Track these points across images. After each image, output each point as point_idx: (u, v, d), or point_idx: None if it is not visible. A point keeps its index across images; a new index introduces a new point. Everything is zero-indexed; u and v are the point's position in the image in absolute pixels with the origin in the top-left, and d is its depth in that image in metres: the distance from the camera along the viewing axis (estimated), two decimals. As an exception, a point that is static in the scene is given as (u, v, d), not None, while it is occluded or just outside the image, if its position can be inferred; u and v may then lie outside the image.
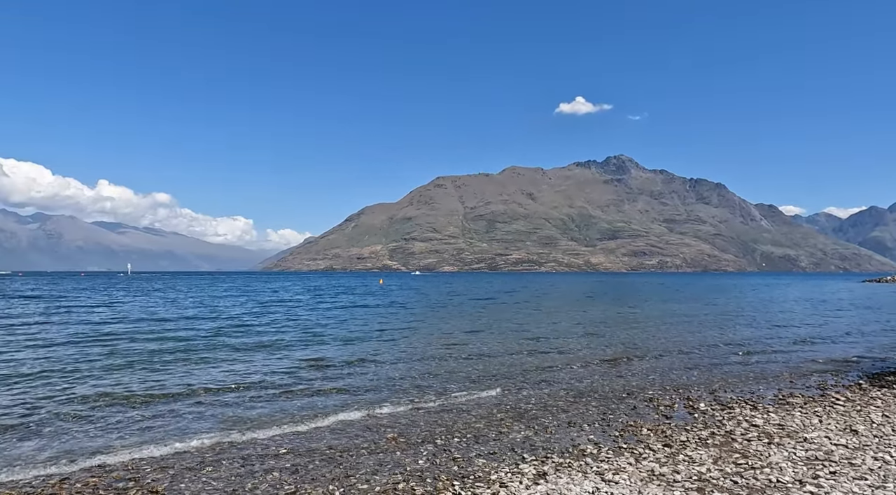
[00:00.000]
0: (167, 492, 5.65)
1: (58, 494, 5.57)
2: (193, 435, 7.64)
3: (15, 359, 13.41)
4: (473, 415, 8.70)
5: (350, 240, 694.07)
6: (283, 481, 5.97)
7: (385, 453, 6.91)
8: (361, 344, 16.82)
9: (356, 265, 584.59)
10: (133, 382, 10.93)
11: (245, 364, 13.13)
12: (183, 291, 55.77)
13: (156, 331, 19.99)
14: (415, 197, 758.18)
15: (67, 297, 42.40)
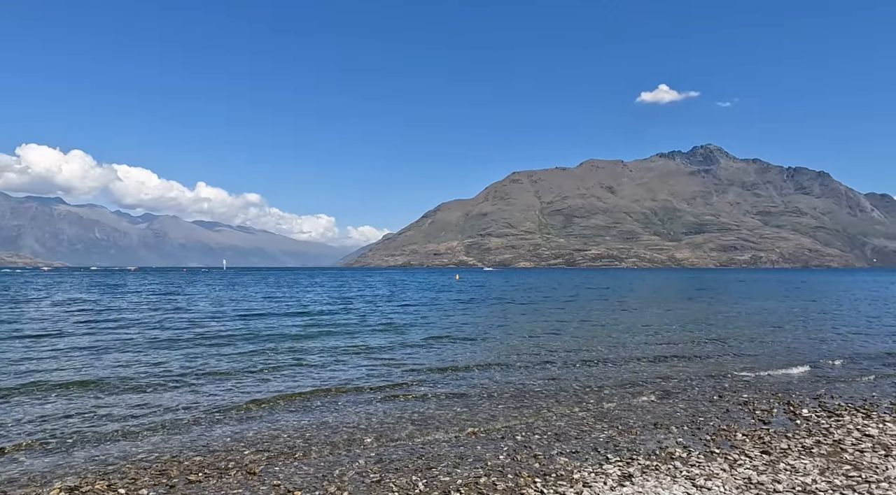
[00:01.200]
0: (263, 474, 6.00)
1: (168, 470, 6.07)
2: (285, 422, 8.07)
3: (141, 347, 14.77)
4: (553, 413, 8.57)
5: (427, 236, 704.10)
6: (368, 469, 6.18)
7: (465, 447, 6.96)
8: (442, 340, 17.03)
9: (433, 261, 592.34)
10: (229, 372, 11.70)
11: (333, 356, 13.68)
12: (284, 286, 58.93)
13: (253, 323, 21.24)
14: (490, 192, 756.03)
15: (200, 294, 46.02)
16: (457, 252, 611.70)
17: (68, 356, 13.28)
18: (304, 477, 5.95)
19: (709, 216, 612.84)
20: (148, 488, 5.57)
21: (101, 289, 51.72)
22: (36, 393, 9.52)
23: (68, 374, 11.08)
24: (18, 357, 13.11)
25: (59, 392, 9.60)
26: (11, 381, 10.34)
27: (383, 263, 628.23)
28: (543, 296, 41.14)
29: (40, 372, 11.37)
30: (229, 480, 5.82)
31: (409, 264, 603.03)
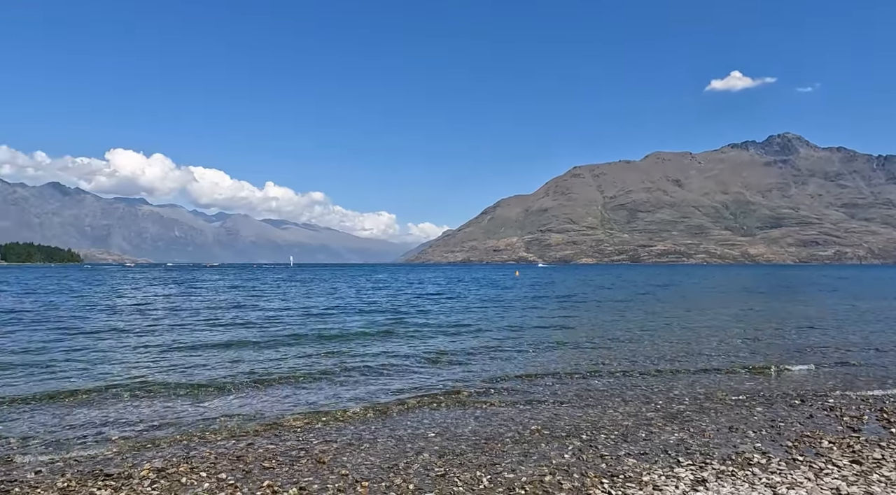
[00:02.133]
0: (331, 463, 6.19)
1: (244, 456, 6.38)
2: (353, 413, 8.29)
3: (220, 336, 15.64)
4: (620, 413, 8.34)
5: (486, 232, 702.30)
6: (432, 463, 6.24)
7: (529, 444, 6.89)
8: (503, 337, 16.96)
9: (492, 257, 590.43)
10: (300, 365, 12.16)
11: (396, 352, 13.93)
12: (349, 282, 60.68)
13: (322, 321, 21.97)
14: (550, 188, 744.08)
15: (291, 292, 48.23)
16: (516, 248, 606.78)
17: (151, 351, 14.24)
18: (371, 467, 6.09)
19: (786, 209, 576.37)
20: (227, 472, 5.87)
21: (188, 284, 55.02)
22: (131, 386, 10.25)
23: (154, 365, 11.89)
24: (107, 352, 14.18)
25: (147, 384, 10.30)
26: (109, 371, 11.21)
27: (443, 260, 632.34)
28: (609, 293, 40.12)
29: (126, 364, 12.26)
30: (300, 468, 6.04)
31: (468, 260, 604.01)
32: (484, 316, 23.10)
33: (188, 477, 5.75)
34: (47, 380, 10.21)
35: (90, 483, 5.57)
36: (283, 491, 5.40)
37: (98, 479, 5.67)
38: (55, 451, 6.56)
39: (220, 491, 5.37)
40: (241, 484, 5.57)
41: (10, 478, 5.71)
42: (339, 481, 5.68)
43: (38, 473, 5.85)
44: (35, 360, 12.12)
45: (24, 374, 10.68)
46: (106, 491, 5.37)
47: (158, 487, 5.46)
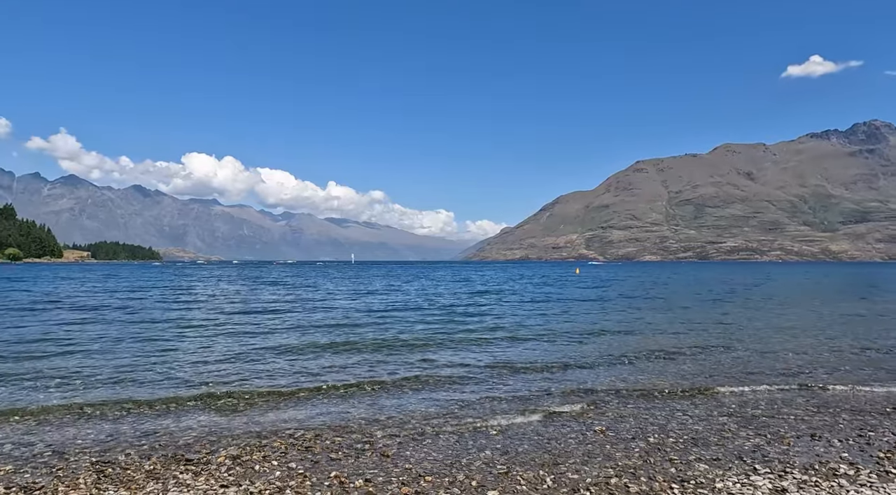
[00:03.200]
0: (395, 457, 6.31)
1: (312, 447, 6.60)
2: (413, 409, 8.41)
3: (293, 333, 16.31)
4: (690, 416, 8.02)
5: (545, 229, 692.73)
6: (495, 460, 6.23)
7: (593, 445, 6.75)
8: (566, 335, 16.72)
9: (551, 254, 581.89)
10: (359, 363, 12.47)
11: (460, 348, 14.02)
12: (411, 279, 61.68)
13: (387, 318, 22.43)
14: (612, 183, 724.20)
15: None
16: (576, 245, 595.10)
17: (228, 343, 15.00)
18: (434, 463, 6.15)
19: (874, 202, 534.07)
20: (296, 462, 6.10)
21: (263, 281, 57.55)
22: (205, 378, 10.84)
23: (225, 358, 12.53)
24: (182, 347, 15.06)
25: (222, 375, 10.87)
26: (185, 363, 11.93)
27: (501, 257, 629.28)
28: (676, 292, 38.64)
29: (201, 358, 12.97)
30: (365, 460, 6.19)
31: (526, 258, 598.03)
32: (546, 314, 22.83)
33: (261, 464, 6.01)
34: (131, 370, 10.97)
35: (173, 466, 5.94)
36: (349, 482, 5.55)
37: (180, 463, 6.04)
38: (141, 436, 7.03)
39: (290, 480, 5.58)
40: (310, 473, 5.77)
41: (104, 460, 6.17)
42: (404, 475, 5.77)
43: (128, 456, 6.30)
44: (118, 349, 13.09)
45: (107, 361, 11.54)
46: (187, 474, 5.70)
47: (234, 473, 5.74)
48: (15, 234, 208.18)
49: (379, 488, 5.42)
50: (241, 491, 5.28)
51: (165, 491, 5.27)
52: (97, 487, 5.35)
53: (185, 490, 5.29)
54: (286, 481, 5.55)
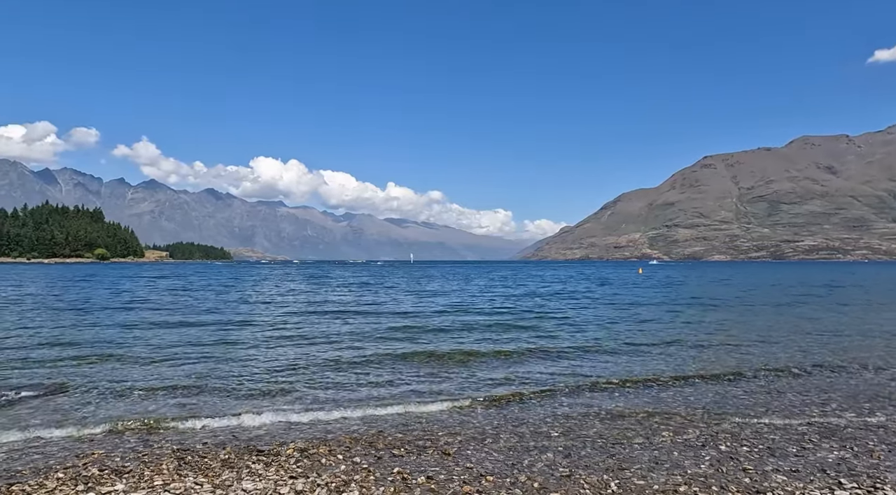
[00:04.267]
0: (456, 455, 6.34)
1: (375, 443, 6.75)
2: (473, 410, 8.43)
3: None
4: (765, 423, 7.60)
5: (606, 228, 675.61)
6: (557, 463, 6.15)
7: (660, 451, 6.53)
8: (631, 338, 16.26)
9: (612, 254, 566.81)
10: (421, 360, 12.61)
11: (521, 351, 13.93)
12: (473, 279, 61.95)
13: (455, 317, 22.62)
14: (677, 180, 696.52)
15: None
16: (639, 244, 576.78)
17: (294, 337, 15.59)
18: (495, 463, 6.14)
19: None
20: (360, 457, 6.26)
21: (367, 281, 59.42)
22: (274, 372, 11.32)
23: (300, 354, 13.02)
24: (250, 341, 15.76)
25: (290, 368, 11.31)
26: (256, 358, 12.50)
27: (560, 256, 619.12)
28: (753, 294, 36.69)
29: (273, 353, 13.53)
30: (427, 458, 6.26)
31: (587, 257, 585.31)
32: (611, 314, 22.27)
33: (327, 458, 6.21)
34: (207, 365, 11.60)
35: (246, 456, 6.24)
36: (412, 478, 5.63)
37: (252, 454, 6.33)
38: (217, 427, 7.43)
39: (355, 474, 5.73)
40: (374, 468, 5.90)
41: (183, 447, 6.57)
42: (465, 474, 5.79)
43: (205, 445, 6.67)
44: (197, 342, 13.89)
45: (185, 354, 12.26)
46: (259, 464, 5.97)
47: (302, 465, 5.96)
48: (103, 236, 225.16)
49: (441, 485, 5.47)
50: (308, 482, 5.47)
51: (239, 479, 5.54)
52: (178, 473, 5.70)
53: (258, 479, 5.54)
54: (351, 475, 5.70)
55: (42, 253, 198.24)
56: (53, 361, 11.75)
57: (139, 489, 5.27)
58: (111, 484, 5.37)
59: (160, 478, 5.53)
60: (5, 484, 5.41)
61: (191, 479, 5.52)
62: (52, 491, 5.21)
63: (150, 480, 5.49)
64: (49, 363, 11.55)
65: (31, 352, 12.85)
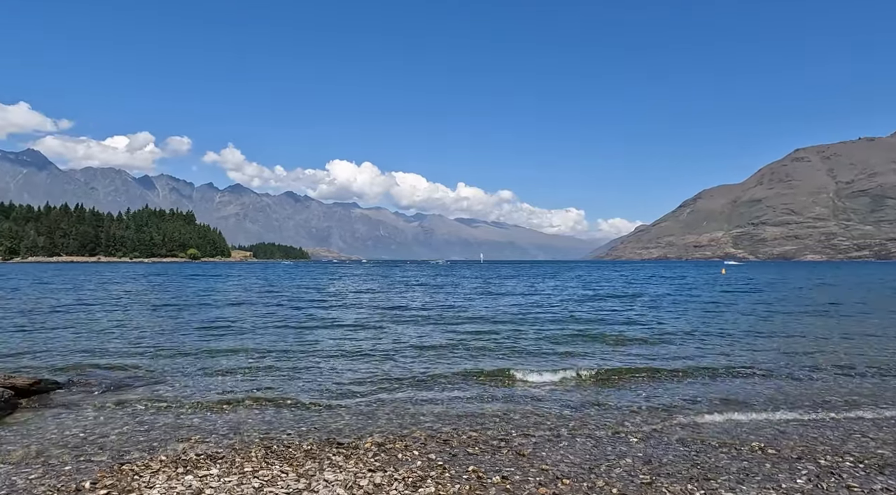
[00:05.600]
0: (531, 456, 6.29)
1: (450, 441, 6.82)
2: (547, 410, 8.32)
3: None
4: (872, 438, 6.97)
5: (685, 226, 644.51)
6: (636, 469, 5.94)
7: (749, 462, 6.16)
8: (716, 341, 15.45)
9: (692, 253, 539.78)
10: (494, 358, 12.60)
11: (602, 350, 13.61)
12: (547, 279, 61.35)
13: (537, 316, 22.52)
14: (765, 175, 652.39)
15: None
16: (722, 243, 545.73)
17: (377, 334, 16.04)
18: (571, 466, 6.03)
19: None
20: (435, 453, 6.35)
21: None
22: (353, 365, 11.70)
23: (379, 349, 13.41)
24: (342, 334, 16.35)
25: (380, 367, 11.66)
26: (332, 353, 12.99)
27: (636, 256, 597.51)
28: (865, 297, 33.78)
29: (354, 349, 13.99)
30: (501, 457, 6.25)
31: (664, 257, 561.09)
32: (691, 315, 21.23)
33: (403, 453, 6.35)
34: (291, 361, 12.18)
35: (327, 448, 6.49)
36: (487, 477, 5.64)
37: (333, 446, 6.58)
38: (299, 420, 7.78)
39: (430, 470, 5.82)
40: (449, 465, 5.96)
41: (269, 437, 6.94)
42: (540, 475, 5.73)
43: (289, 436, 7.01)
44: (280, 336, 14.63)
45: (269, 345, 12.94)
46: (339, 456, 6.20)
47: (380, 459, 6.12)
48: (195, 237, 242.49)
49: (516, 486, 5.44)
50: (386, 476, 5.62)
51: (321, 469, 5.77)
52: (265, 461, 6.03)
53: (338, 471, 5.75)
54: (427, 471, 5.79)
55: (142, 253, 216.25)
56: (155, 352, 12.76)
57: (231, 474, 5.62)
58: (207, 469, 5.77)
59: (249, 465, 5.87)
60: (117, 463, 5.95)
61: (277, 467, 5.82)
62: (157, 471, 5.67)
63: (241, 466, 5.84)
64: (150, 354, 12.56)
65: (137, 344, 14.02)
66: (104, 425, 7.36)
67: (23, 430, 7.13)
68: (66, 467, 5.87)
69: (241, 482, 5.40)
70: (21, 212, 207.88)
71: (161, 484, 5.34)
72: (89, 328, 17.22)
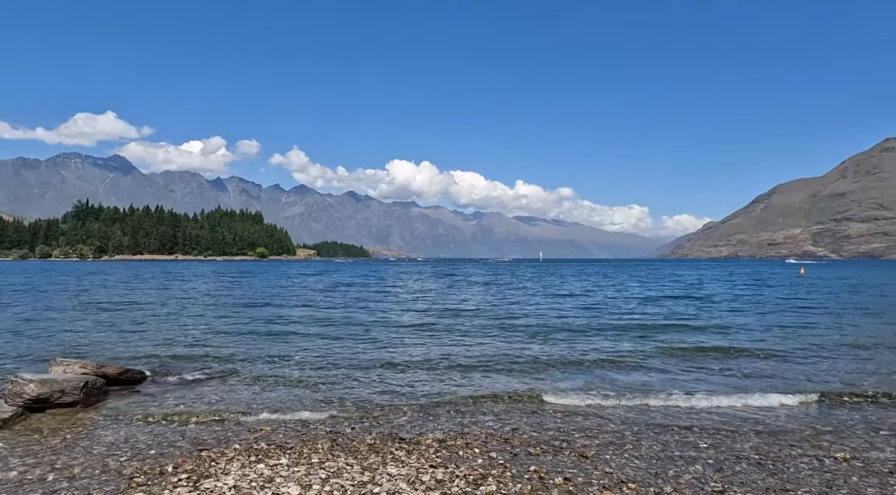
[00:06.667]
0: (594, 459, 6.16)
1: (511, 440, 6.80)
2: (612, 413, 8.12)
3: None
4: (977, 455, 6.35)
5: (758, 223, 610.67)
6: (707, 476, 5.70)
7: (833, 474, 5.76)
8: (803, 346, 14.58)
9: (766, 251, 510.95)
10: (553, 360, 12.42)
11: (675, 354, 13.18)
12: (610, 277, 60.08)
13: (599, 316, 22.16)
14: (849, 167, 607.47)
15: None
16: (799, 241, 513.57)
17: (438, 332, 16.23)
18: (636, 470, 5.86)
19: None
20: (496, 452, 6.34)
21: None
22: (412, 364, 11.88)
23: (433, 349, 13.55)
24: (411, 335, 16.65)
25: (430, 368, 11.80)
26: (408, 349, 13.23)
27: (703, 254, 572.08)
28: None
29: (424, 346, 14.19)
30: (563, 459, 6.16)
31: (735, 255, 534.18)
32: (766, 315, 20.12)
33: (464, 450, 6.38)
34: (351, 357, 12.51)
35: (389, 443, 6.63)
36: (549, 478, 5.58)
37: (395, 441, 6.71)
38: (361, 415, 7.98)
39: (492, 468, 5.82)
40: (510, 464, 5.94)
41: (334, 430, 7.17)
42: (604, 478, 5.61)
43: (353, 430, 7.21)
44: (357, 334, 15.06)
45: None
46: (401, 451, 6.31)
47: (441, 456, 6.19)
48: (263, 236, 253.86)
49: (579, 488, 5.35)
50: (447, 472, 5.67)
51: (384, 463, 5.90)
52: (331, 453, 6.23)
53: (401, 465, 5.86)
54: (488, 469, 5.80)
55: (215, 251, 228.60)
56: (228, 347, 13.47)
57: (299, 464, 5.84)
58: (276, 458, 6.03)
59: (316, 457, 6.09)
60: (196, 450, 6.32)
61: (342, 460, 6.00)
62: (231, 459, 5.98)
63: (308, 457, 6.06)
64: (224, 349, 13.26)
65: (212, 339, 14.85)
66: (183, 413, 7.83)
67: (113, 416, 7.71)
68: (151, 451, 6.30)
69: (309, 472, 5.61)
70: (109, 214, 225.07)
71: (235, 470, 5.63)
72: (170, 323, 18.39)
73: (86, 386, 8.06)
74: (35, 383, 7.65)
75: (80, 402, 7.92)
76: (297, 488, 5.20)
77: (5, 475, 5.56)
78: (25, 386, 7.60)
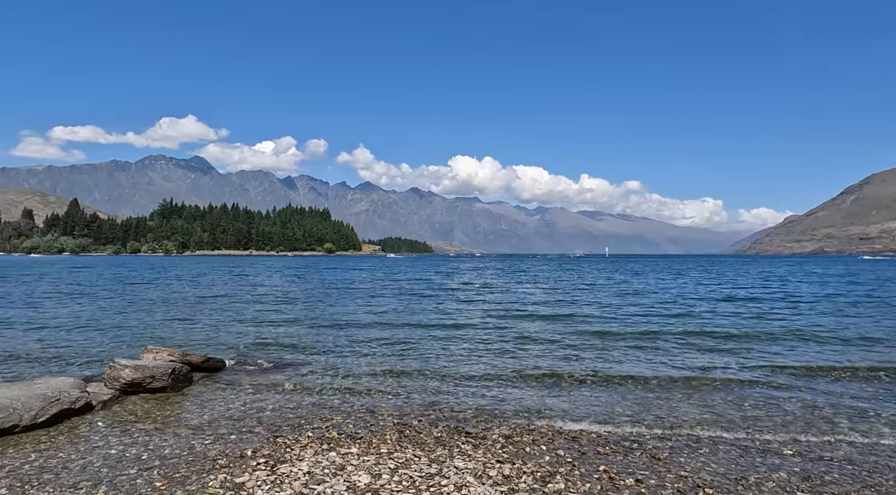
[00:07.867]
0: (668, 461, 5.93)
1: (579, 438, 6.68)
2: (684, 414, 7.80)
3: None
4: None
5: (848, 216, 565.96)
6: (793, 484, 5.36)
7: (939, 490, 5.26)
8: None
9: (857, 247, 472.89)
10: (626, 357, 12.08)
11: (745, 349, 12.53)
12: (686, 274, 57.92)
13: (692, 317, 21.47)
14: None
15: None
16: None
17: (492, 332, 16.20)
18: (714, 475, 5.60)
19: None
20: (564, 450, 6.24)
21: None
22: (483, 379, 11.92)
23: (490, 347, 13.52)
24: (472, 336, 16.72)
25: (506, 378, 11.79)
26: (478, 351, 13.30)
27: (785, 250, 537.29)
28: None
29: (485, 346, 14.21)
30: (635, 460, 5.98)
31: (821, 251, 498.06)
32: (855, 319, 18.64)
33: (531, 446, 6.33)
34: (417, 350, 12.69)
35: (455, 436, 6.68)
36: (619, 478, 5.43)
37: (461, 434, 6.75)
38: (428, 407, 8.08)
39: (559, 466, 5.74)
40: (578, 463, 5.84)
41: (403, 422, 7.30)
42: (678, 482, 5.40)
43: (420, 422, 7.32)
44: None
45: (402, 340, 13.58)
46: (468, 445, 6.34)
47: (507, 451, 6.17)
48: (330, 232, 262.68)
49: (651, 491, 5.17)
50: (514, 468, 5.64)
51: (451, 457, 5.95)
52: (399, 444, 6.35)
53: (468, 459, 5.89)
54: (556, 467, 5.72)
55: (286, 247, 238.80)
56: (302, 338, 14.03)
57: (369, 453, 6.00)
58: (348, 447, 6.22)
59: (385, 447, 6.23)
60: (272, 436, 6.63)
61: (410, 451, 6.11)
62: (305, 446, 6.23)
63: (378, 447, 6.21)
64: (299, 339, 13.82)
65: (287, 330, 15.52)
66: (260, 401, 8.23)
67: (197, 401, 8.22)
68: (232, 436, 6.67)
69: (378, 462, 5.75)
70: (190, 212, 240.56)
71: (309, 457, 5.86)
72: (246, 314, 19.39)
73: (173, 372, 8.63)
74: (130, 368, 8.28)
75: (168, 387, 8.49)
76: (367, 477, 5.35)
77: (107, 452, 6.06)
78: (122, 371, 8.24)
